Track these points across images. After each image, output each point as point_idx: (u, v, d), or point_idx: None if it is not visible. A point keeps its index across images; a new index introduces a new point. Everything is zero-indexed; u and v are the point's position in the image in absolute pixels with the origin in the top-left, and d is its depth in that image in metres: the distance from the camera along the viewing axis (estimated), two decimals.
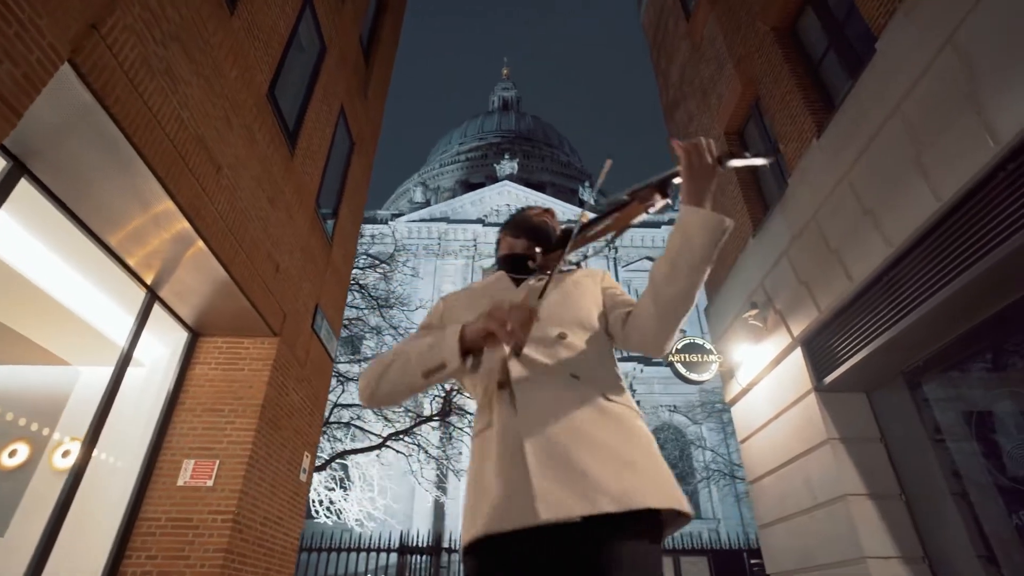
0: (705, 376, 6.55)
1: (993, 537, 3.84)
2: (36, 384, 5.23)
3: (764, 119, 6.32)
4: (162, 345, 5.01)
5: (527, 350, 1.08)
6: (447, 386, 14.90)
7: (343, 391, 13.88)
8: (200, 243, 3.99)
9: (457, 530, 21.80)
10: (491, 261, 34.09)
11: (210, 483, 4.52)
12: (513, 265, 1.35)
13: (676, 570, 9.47)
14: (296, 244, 5.71)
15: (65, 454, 4.76)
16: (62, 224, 3.65)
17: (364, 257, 14.99)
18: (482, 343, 1.04)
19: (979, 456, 4.02)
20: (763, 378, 5.80)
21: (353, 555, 10.19)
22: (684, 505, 0.98)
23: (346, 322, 13.51)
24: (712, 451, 19.13)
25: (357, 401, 13.84)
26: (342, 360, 14.97)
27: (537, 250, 1.32)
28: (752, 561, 9.34)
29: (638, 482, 0.94)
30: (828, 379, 4.79)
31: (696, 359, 6.62)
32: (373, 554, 9.98)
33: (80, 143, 3.13)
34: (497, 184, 34.86)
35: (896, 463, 4.58)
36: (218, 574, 4.18)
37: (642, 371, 31.39)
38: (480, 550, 0.96)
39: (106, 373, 4.31)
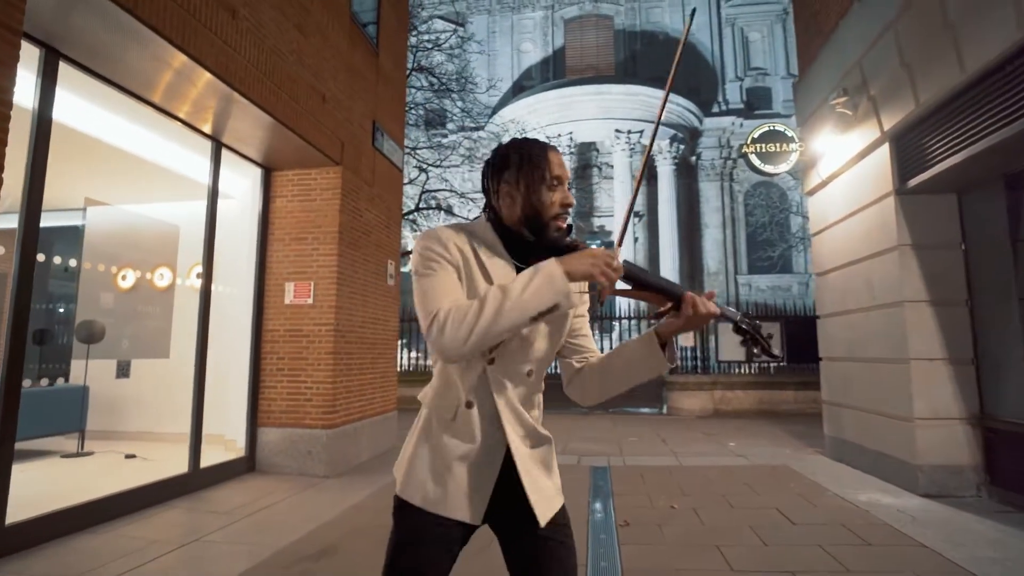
0: (782, 167, 6.24)
1: None
2: (155, 222, 6.05)
3: None
4: (242, 178, 5.45)
5: (500, 375, 1.21)
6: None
7: (427, 178, 14.44)
8: (236, 95, 4.02)
9: None
10: (573, 11, 30.17)
11: (310, 301, 5.34)
12: (514, 249, 1.25)
13: None
14: (339, 66, 5.51)
15: (198, 276, 5.74)
16: (112, 95, 3.82)
17: (426, 34, 13.99)
18: (583, 279, 1.11)
19: None
20: (844, 172, 5.32)
21: None
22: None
23: (412, 106, 13.34)
24: (805, 217, 18.37)
25: (443, 187, 14.48)
26: (422, 146, 15.22)
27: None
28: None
29: (559, 490, 1.29)
30: (913, 181, 4.33)
31: (773, 148, 6.28)
32: None
33: (86, 21, 3.09)
34: None
35: (971, 268, 4.33)
36: (331, 369, 5.23)
37: (741, 125, 28.93)
38: (426, 514, 1.23)
39: (202, 206, 4.86)
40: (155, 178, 5.27)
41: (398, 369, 7.93)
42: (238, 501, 4.22)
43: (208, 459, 4.64)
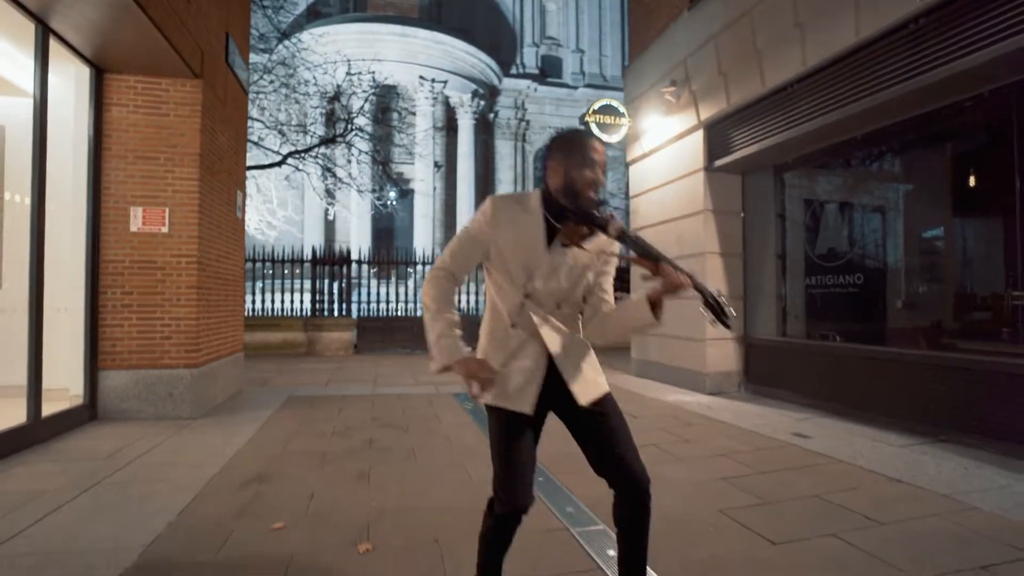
0: (616, 137, 7.25)
1: (789, 290, 5.55)
2: None
3: None
4: (62, 79, 4.47)
5: (536, 306, 1.61)
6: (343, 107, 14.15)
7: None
8: None
9: (348, 242, 23.29)
10: None
11: (165, 229, 4.76)
12: (554, 211, 1.62)
13: None
14: None
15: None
16: None
17: None
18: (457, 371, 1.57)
19: (801, 232, 5.46)
20: (663, 148, 6.65)
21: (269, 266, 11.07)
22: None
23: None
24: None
25: (250, 113, 12.94)
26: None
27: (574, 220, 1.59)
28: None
29: (602, 380, 1.71)
30: (718, 163, 5.75)
31: (610, 120, 7.20)
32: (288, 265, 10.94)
33: None
34: None
35: (747, 230, 5.98)
36: (194, 304, 4.81)
37: (536, 90, 31.23)
38: (507, 412, 1.64)
39: (24, 104, 3.94)
40: None
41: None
42: (107, 447, 3.80)
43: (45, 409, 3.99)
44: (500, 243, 1.59)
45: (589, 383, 1.62)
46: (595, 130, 7.12)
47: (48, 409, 4.03)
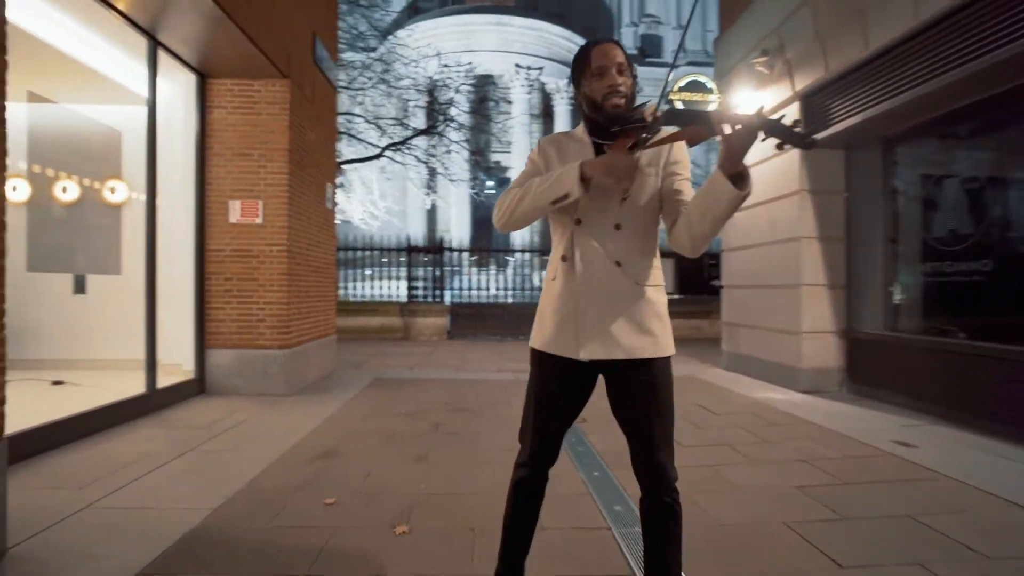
0: None
1: (901, 278, 4.90)
2: (94, 125, 5.37)
3: None
4: (173, 84, 4.97)
5: (587, 234, 1.46)
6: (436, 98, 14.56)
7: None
8: None
9: (448, 232, 24.04)
10: None
11: (259, 220, 5.17)
12: (596, 130, 1.51)
13: None
14: None
15: (111, 190, 5.25)
16: None
17: None
18: (597, 180, 1.38)
19: (916, 212, 4.78)
20: None
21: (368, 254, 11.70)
22: (671, 351, 1.51)
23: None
24: (696, 164, 20.13)
25: (351, 109, 13.74)
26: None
27: (614, 128, 1.44)
28: (711, 263, 11.14)
29: (645, 342, 1.43)
30: (816, 137, 5.18)
31: (697, 97, 6.76)
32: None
33: None
34: None
35: (851, 212, 5.36)
36: (285, 290, 5.19)
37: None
38: (540, 354, 1.55)
39: (139, 112, 4.43)
40: (87, 79, 4.66)
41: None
42: (208, 418, 4.22)
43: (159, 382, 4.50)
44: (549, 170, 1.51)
45: (612, 337, 1.42)
46: (680, 108, 6.68)
47: (163, 382, 4.56)
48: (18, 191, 5.06)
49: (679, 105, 6.68)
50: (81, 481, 2.84)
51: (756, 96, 6.03)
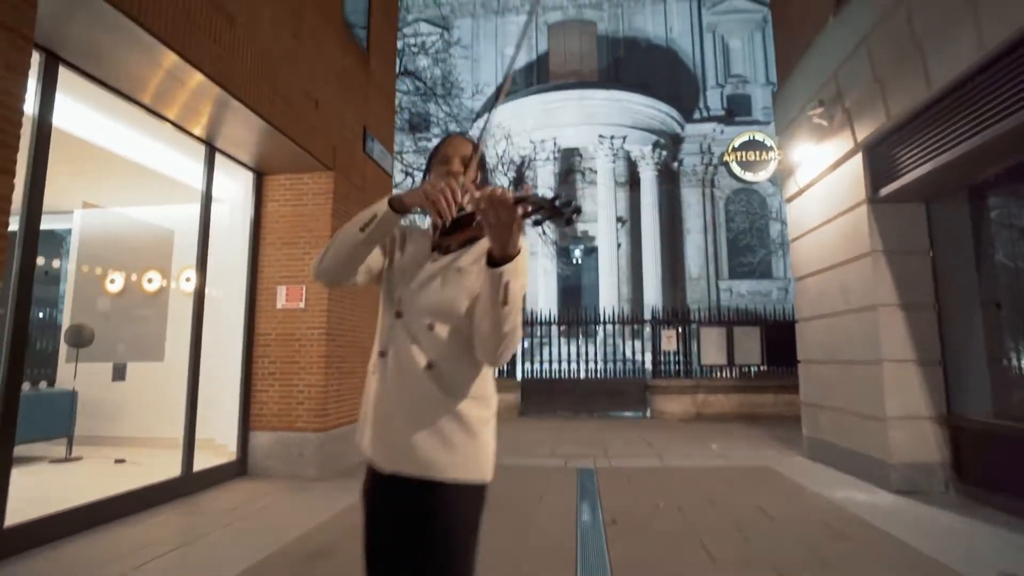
0: (761, 175, 6.31)
1: (1015, 350, 4.00)
2: (150, 226, 6.07)
3: None
4: (234, 182, 5.49)
5: (404, 329, 1.30)
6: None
7: (413, 181, 14.50)
8: (232, 100, 4.08)
9: (535, 303, 24.17)
10: (557, 16, 30.46)
11: (302, 305, 5.39)
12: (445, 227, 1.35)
13: (729, 339, 10.40)
14: (331, 72, 5.58)
15: (187, 279, 5.74)
16: (109, 100, 3.85)
17: (412, 37, 14.06)
18: (414, 204, 1.24)
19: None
20: (820, 181, 5.53)
21: None
22: (484, 476, 1.27)
23: (399, 110, 13.39)
24: (784, 223, 18.84)
25: None
26: (407, 150, 15.27)
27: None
28: None
29: (447, 459, 1.23)
30: (885, 190, 4.55)
31: (754, 157, 6.31)
32: None
33: (87, 26, 3.14)
34: None
35: (939, 274, 4.56)
36: (322, 372, 5.28)
37: (722, 132, 29.45)
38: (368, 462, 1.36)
39: (195, 210, 4.89)
40: (149, 182, 5.29)
41: None
42: (231, 504, 4.25)
43: (200, 463, 4.66)
44: (394, 259, 1.42)
45: (402, 448, 1.25)
46: (736, 170, 6.28)
47: (204, 463, 4.72)
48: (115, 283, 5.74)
49: (735, 167, 6.26)
50: (75, 572, 2.89)
51: (817, 151, 5.49)
